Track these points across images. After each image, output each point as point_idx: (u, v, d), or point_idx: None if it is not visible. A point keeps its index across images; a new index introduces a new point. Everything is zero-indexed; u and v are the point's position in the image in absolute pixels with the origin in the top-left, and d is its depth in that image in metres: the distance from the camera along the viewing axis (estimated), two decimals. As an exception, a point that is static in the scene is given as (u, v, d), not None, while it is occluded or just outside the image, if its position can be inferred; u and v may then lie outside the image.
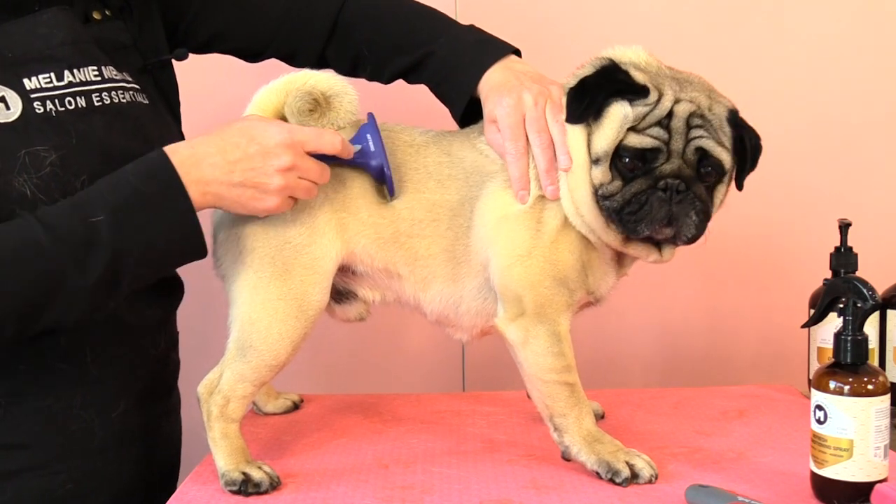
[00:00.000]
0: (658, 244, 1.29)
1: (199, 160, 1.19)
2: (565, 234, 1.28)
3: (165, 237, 1.17)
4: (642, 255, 1.30)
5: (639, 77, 1.25)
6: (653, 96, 1.24)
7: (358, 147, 1.29)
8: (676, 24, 2.03)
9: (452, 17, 1.89)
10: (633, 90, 1.24)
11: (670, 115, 1.23)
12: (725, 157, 1.25)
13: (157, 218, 1.16)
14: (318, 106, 1.31)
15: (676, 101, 1.24)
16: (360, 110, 1.34)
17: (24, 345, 1.22)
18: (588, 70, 1.29)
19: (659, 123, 1.23)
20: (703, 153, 1.23)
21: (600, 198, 1.25)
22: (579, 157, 1.26)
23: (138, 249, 1.15)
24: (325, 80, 1.31)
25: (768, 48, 2.04)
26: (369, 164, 1.29)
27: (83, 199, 1.16)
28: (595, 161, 1.25)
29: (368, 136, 1.29)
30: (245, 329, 1.27)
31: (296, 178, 1.22)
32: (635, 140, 1.23)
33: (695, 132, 1.23)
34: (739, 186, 1.30)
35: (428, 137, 1.35)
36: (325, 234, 1.29)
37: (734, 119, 1.27)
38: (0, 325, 1.12)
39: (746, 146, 1.27)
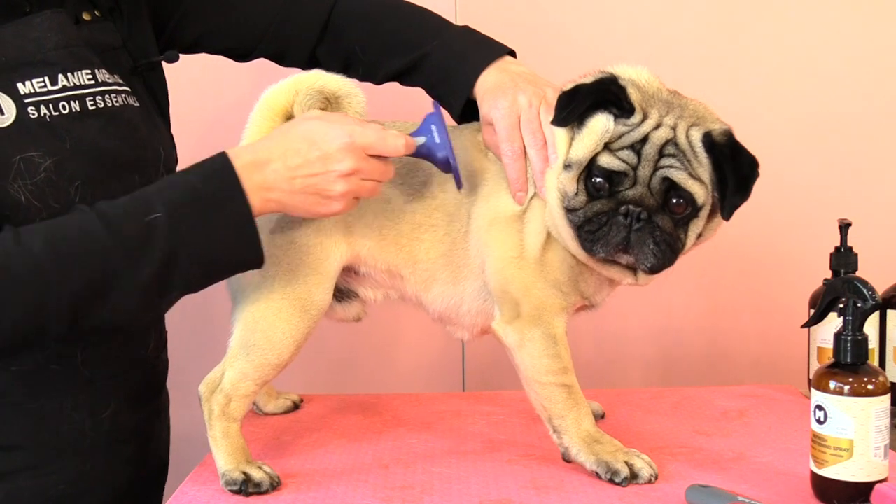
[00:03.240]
0: (632, 267, 1.26)
1: (260, 165, 1.17)
2: (553, 238, 1.28)
3: (221, 239, 1.15)
4: (615, 276, 1.28)
5: (633, 95, 1.23)
6: (636, 118, 1.22)
7: (423, 139, 1.25)
8: (677, 24, 2.03)
9: (452, 18, 1.89)
10: (620, 106, 1.22)
11: (645, 140, 1.21)
12: (697, 190, 1.20)
13: (214, 219, 1.14)
14: (328, 105, 1.31)
15: (656, 127, 1.21)
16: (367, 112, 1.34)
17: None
18: (588, 80, 1.27)
19: (631, 147, 1.21)
20: (670, 184, 1.20)
21: (565, 209, 1.24)
22: (559, 161, 1.26)
23: (194, 249, 1.14)
24: (335, 80, 1.31)
25: (769, 48, 2.04)
26: (435, 157, 1.25)
27: (143, 195, 1.15)
28: (566, 166, 1.24)
29: (433, 128, 1.25)
30: (249, 328, 1.27)
31: (359, 180, 1.20)
32: (605, 160, 1.21)
33: (665, 161, 1.20)
34: (725, 217, 1.24)
35: None
36: (330, 235, 1.29)
37: (711, 144, 1.21)
38: (51, 317, 1.10)
39: (726, 175, 1.21)
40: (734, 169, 1.21)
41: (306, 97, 1.29)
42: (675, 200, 1.21)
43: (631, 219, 1.20)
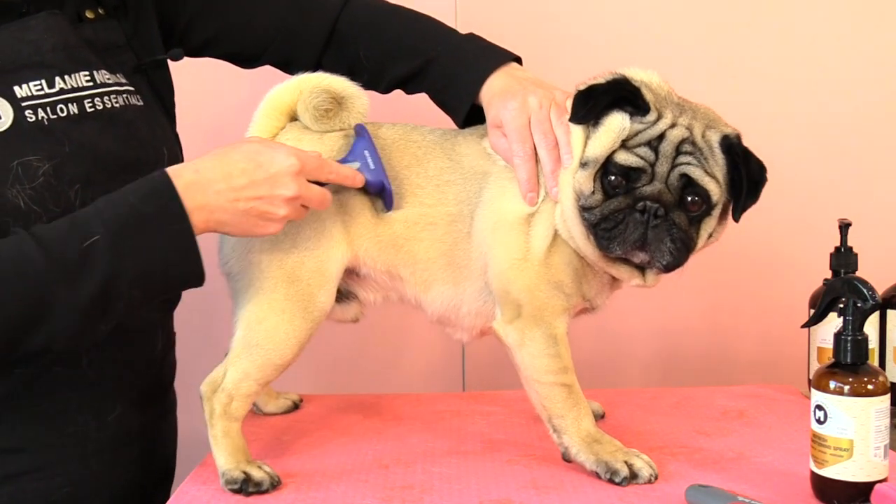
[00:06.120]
0: (641, 268, 1.27)
1: (203, 186, 1.15)
2: (559, 240, 1.28)
3: (162, 260, 1.14)
4: (624, 277, 1.29)
5: (647, 95, 1.24)
6: (651, 116, 1.23)
7: (357, 164, 1.26)
8: (679, 27, 2.03)
9: (452, 23, 1.90)
10: (636, 105, 1.23)
11: (661, 137, 1.22)
12: (713, 188, 1.22)
13: (155, 240, 1.13)
14: (334, 105, 1.31)
15: (672, 126, 1.22)
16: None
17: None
18: (601, 81, 1.28)
19: (648, 144, 1.22)
20: (687, 180, 1.21)
21: (580, 208, 1.24)
22: (574, 161, 1.26)
23: (134, 271, 1.12)
24: (340, 81, 1.32)
25: (769, 48, 2.04)
26: (369, 182, 1.27)
27: (82, 216, 1.12)
28: (583, 164, 1.25)
29: (366, 153, 1.26)
30: (252, 328, 1.27)
31: (298, 206, 1.20)
32: (622, 157, 1.22)
33: (683, 158, 1.22)
34: (736, 218, 1.27)
35: (435, 138, 1.35)
36: (331, 237, 1.29)
37: (729, 147, 1.23)
38: None
39: (742, 176, 1.23)
40: (748, 172, 1.24)
41: (311, 96, 1.30)
42: (690, 198, 1.22)
43: (648, 215, 1.21)
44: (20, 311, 1.09)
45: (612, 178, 1.23)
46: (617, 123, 1.23)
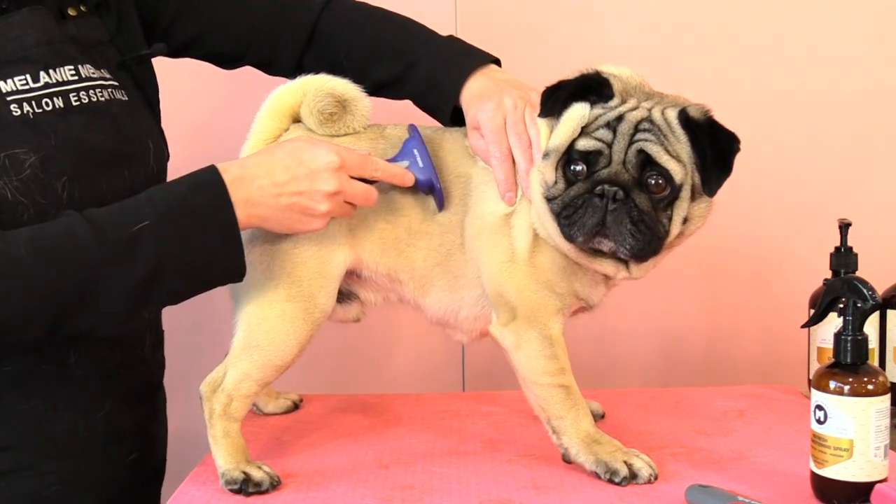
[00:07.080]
0: (624, 260, 1.25)
1: (247, 181, 1.18)
2: (541, 240, 1.28)
3: (208, 250, 1.16)
4: (608, 271, 1.27)
5: (615, 85, 1.24)
6: (614, 102, 1.23)
7: (405, 163, 1.28)
8: (675, 26, 2.03)
9: (452, 21, 1.90)
10: (600, 94, 1.23)
11: (621, 118, 1.21)
12: (674, 167, 1.20)
13: (201, 230, 1.15)
14: (338, 109, 1.32)
15: (634, 109, 1.22)
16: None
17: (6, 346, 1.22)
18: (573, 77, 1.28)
19: (607, 125, 1.21)
20: (645, 157, 1.20)
21: (546, 200, 1.24)
22: (539, 155, 1.27)
23: (179, 259, 1.14)
24: (343, 84, 1.32)
25: (767, 48, 2.04)
26: (418, 181, 1.28)
27: (134, 202, 1.15)
28: (545, 155, 1.25)
29: (415, 152, 1.28)
30: (252, 328, 1.27)
31: (341, 202, 1.22)
32: (582, 143, 1.22)
33: (640, 135, 1.20)
34: (708, 192, 1.22)
35: (429, 133, 1.36)
36: (334, 240, 1.30)
37: (686, 120, 1.21)
38: (33, 321, 1.10)
39: (704, 148, 1.20)
40: (712, 143, 1.21)
41: (315, 99, 1.31)
42: (652, 181, 1.21)
43: (607, 199, 1.19)
44: (68, 290, 1.10)
45: (576, 168, 1.22)
46: (577, 113, 1.23)
